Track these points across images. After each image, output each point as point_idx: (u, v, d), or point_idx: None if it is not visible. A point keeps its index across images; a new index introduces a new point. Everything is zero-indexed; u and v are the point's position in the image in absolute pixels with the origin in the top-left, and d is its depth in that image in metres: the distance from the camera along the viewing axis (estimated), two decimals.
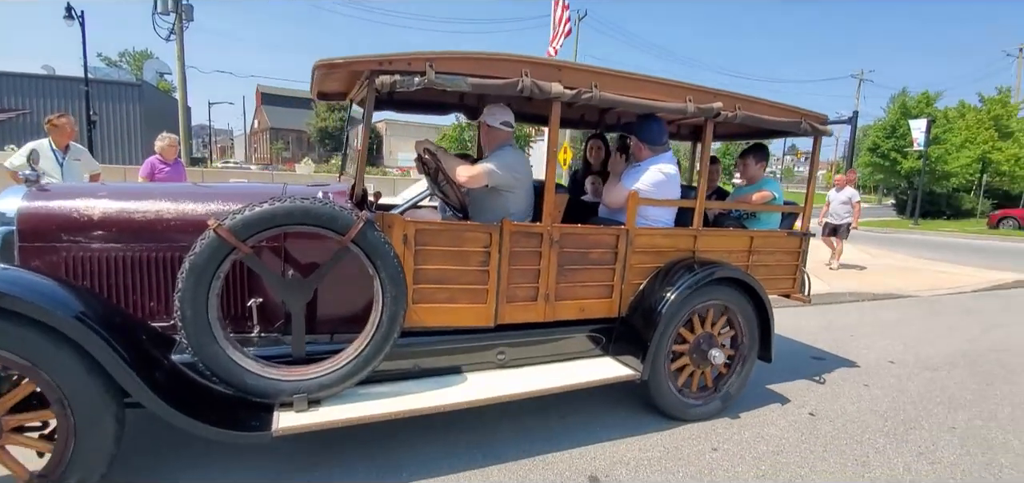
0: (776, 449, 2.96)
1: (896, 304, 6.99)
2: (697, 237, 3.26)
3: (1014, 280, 8.90)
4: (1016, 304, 7.38)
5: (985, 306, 7.14)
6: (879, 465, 2.85)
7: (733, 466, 2.76)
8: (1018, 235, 19.43)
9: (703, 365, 3.20)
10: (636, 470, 2.67)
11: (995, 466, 2.91)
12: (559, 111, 2.78)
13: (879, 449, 3.03)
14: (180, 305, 2.10)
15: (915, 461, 2.92)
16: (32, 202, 2.28)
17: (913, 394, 3.86)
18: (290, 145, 50.00)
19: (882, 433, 3.23)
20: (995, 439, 3.23)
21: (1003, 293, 8.12)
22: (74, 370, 1.90)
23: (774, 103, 3.36)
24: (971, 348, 5.09)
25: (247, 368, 2.23)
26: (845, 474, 2.75)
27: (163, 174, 5.40)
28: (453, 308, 2.72)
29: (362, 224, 2.28)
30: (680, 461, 2.78)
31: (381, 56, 2.41)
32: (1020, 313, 6.79)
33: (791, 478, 2.69)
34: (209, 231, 2.11)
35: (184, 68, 19.91)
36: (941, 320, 6.19)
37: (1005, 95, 27.36)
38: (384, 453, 2.69)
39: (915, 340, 5.26)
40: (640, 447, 2.89)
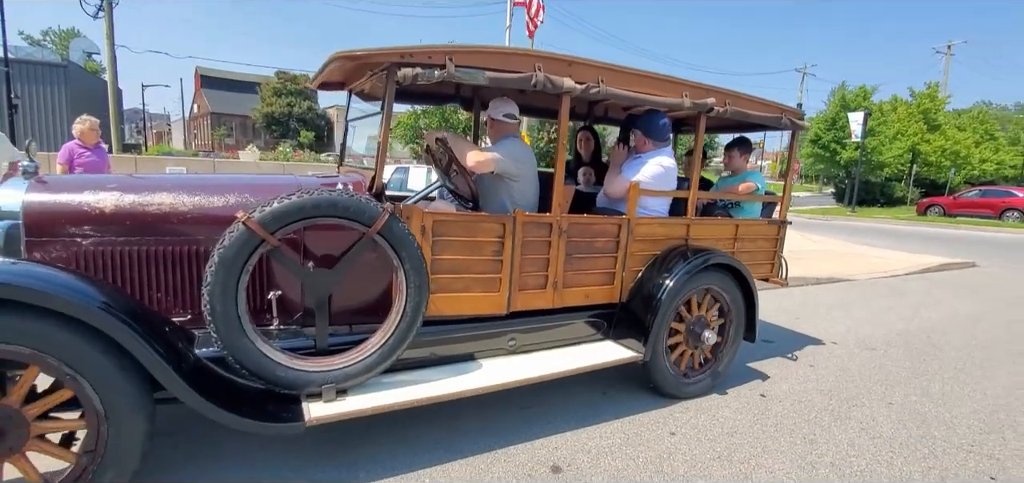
0: (730, 431, 3.07)
1: (837, 288, 7.37)
2: (690, 226, 3.45)
3: (939, 264, 9.58)
4: (941, 286, 7.92)
5: (915, 288, 7.65)
6: (825, 442, 3.01)
7: (690, 449, 2.85)
8: (943, 221, 21.07)
9: (696, 346, 3.40)
10: (598, 458, 2.72)
11: (929, 439, 3.10)
12: (568, 105, 2.88)
13: (825, 427, 3.19)
14: (209, 299, 2.08)
15: (858, 436, 3.09)
16: (37, 195, 2.18)
17: (854, 373, 4.09)
18: (234, 131, 47.62)
19: (827, 411, 3.40)
20: (928, 413, 3.46)
21: (930, 276, 8.78)
22: (107, 368, 1.86)
23: (759, 99, 3.58)
24: (905, 328, 5.46)
25: (276, 361, 2.23)
26: (795, 452, 2.88)
27: (83, 160, 5.08)
28: (468, 297, 2.79)
29: (387, 216, 2.31)
30: (640, 446, 2.84)
31: (402, 49, 2.43)
32: (944, 294, 7.28)
33: (745, 458, 2.79)
34: (238, 223, 2.10)
35: (114, 47, 18.65)
36: (878, 302, 6.58)
37: (933, 90, 29.48)
38: (343, 451, 2.63)
39: (855, 322, 5.58)
40: (601, 435, 2.94)
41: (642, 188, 3.21)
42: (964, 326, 5.62)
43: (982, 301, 6.90)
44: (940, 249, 11.99)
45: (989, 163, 31.15)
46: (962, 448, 3.01)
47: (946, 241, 14.23)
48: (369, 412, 2.33)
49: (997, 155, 32.15)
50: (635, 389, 3.49)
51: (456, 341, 2.84)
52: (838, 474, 2.68)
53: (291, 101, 41.31)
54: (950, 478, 2.71)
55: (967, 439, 3.11)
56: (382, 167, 2.53)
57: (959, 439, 3.11)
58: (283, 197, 2.15)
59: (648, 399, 3.36)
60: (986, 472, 2.78)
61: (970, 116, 34.94)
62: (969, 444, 3.06)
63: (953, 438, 3.13)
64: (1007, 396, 3.75)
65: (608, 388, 3.50)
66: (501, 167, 2.85)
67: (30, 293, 1.72)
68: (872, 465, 2.78)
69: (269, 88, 41.68)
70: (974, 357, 4.58)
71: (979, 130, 32.62)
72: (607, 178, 3.48)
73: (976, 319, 5.94)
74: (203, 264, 2.34)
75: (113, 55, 18.78)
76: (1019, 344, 5.02)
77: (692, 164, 3.49)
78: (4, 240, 2.15)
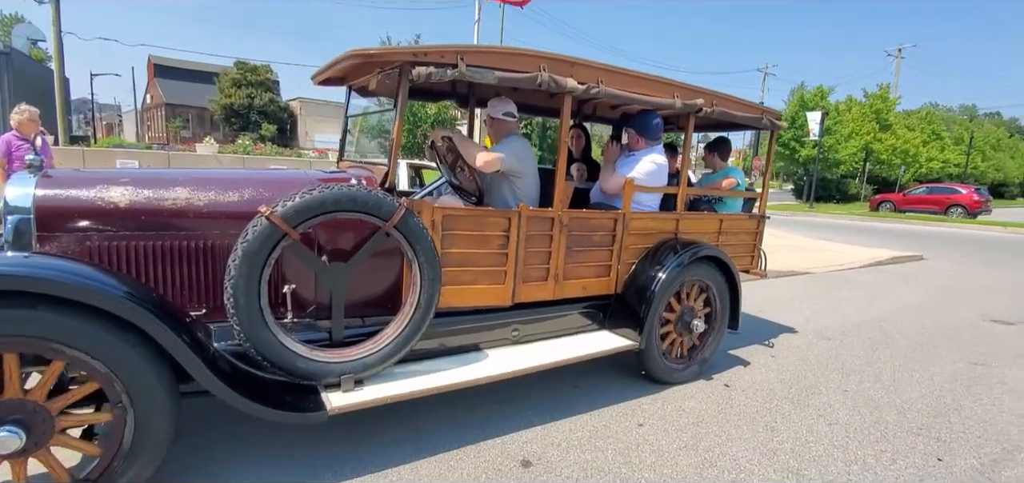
0: (696, 421, 3.15)
1: (797, 280, 7.66)
2: (679, 220, 3.63)
3: (890, 257, 9.96)
4: (891, 278, 8.29)
5: (868, 280, 7.98)
6: (786, 429, 3.11)
7: (657, 440, 2.90)
8: (894, 217, 22.18)
9: (685, 334, 3.59)
10: (567, 451, 2.74)
11: (882, 423, 3.24)
12: (570, 104, 3.00)
13: (785, 414, 3.30)
14: (233, 292, 2.11)
15: (816, 423, 3.21)
16: (48, 190, 2.16)
17: (813, 362, 4.25)
18: (190, 123, 45.85)
19: (787, 399, 3.52)
20: (881, 399, 3.61)
21: (881, 269, 9.17)
22: (135, 361, 1.88)
23: (742, 101, 3.78)
24: (859, 318, 5.69)
25: (297, 352, 2.27)
26: (757, 439, 2.97)
27: (22, 153, 4.90)
28: (475, 289, 2.89)
29: (404, 211, 2.38)
30: (608, 439, 2.88)
31: (416, 48, 2.49)
32: (895, 286, 7.63)
33: (710, 447, 2.87)
34: (261, 218, 2.13)
35: (60, 34, 17.80)
36: (834, 294, 6.85)
37: (884, 91, 30.98)
38: (304, 451, 2.59)
39: (813, 313, 5.80)
40: (570, 428, 2.97)
41: (636, 184, 3.37)
42: (913, 316, 5.93)
43: (928, 292, 7.31)
44: (891, 243, 12.49)
45: (935, 162, 33.03)
46: (912, 431, 3.16)
47: (897, 236, 14.96)
48: (387, 401, 2.40)
49: (943, 154, 34.13)
50: (604, 382, 3.57)
51: (463, 332, 2.93)
52: (797, 459, 2.79)
53: (251, 92, 39.96)
54: (900, 460, 2.84)
55: (916, 423, 3.28)
56: (395, 162, 2.59)
57: (909, 423, 3.27)
58: (305, 192, 2.20)
59: (616, 391, 3.44)
60: (933, 453, 2.93)
61: (919, 117, 36.96)
62: (918, 427, 3.22)
63: (904, 422, 3.29)
64: (952, 382, 3.98)
65: (578, 381, 3.56)
66: (506, 166, 2.95)
67: (61, 287, 1.73)
68: (829, 450, 2.90)
69: (228, 79, 40.18)
70: (922, 345, 4.84)
71: (927, 130, 34.54)
72: (602, 174, 3.62)
73: (923, 309, 6.28)
74: (217, 259, 2.38)
75: (60, 42, 17.88)
76: (961, 333, 5.33)
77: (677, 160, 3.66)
78: (13, 234, 2.13)
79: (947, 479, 2.70)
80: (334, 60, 2.75)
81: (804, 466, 2.74)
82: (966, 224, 19.50)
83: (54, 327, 1.75)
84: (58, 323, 1.76)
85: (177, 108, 46.01)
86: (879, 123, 29.91)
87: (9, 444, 1.74)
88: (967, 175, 34.38)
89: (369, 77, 2.97)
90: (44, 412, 1.83)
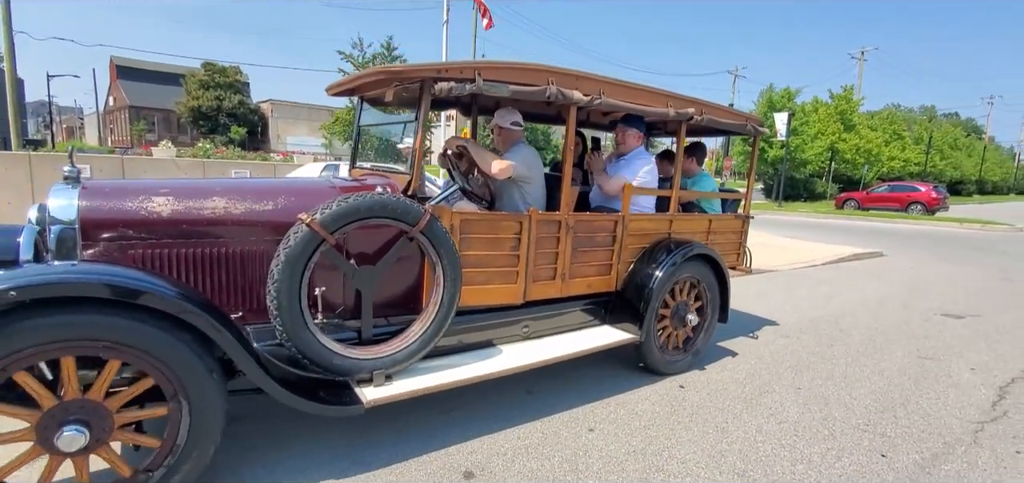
0: (647, 423, 3.13)
1: (762, 278, 7.75)
2: (672, 221, 3.88)
3: (852, 254, 10.20)
4: (852, 274, 8.52)
5: (829, 277, 8.16)
6: (736, 429, 3.11)
7: (607, 445, 2.87)
8: (858, 214, 23.08)
9: (680, 327, 3.84)
10: (513, 459, 2.69)
11: (830, 420, 3.28)
12: (575, 114, 3.21)
13: (736, 414, 3.31)
14: (276, 295, 2.25)
15: (766, 422, 3.22)
16: (92, 201, 2.25)
17: (768, 360, 4.28)
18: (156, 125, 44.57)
19: (740, 399, 3.53)
20: (831, 395, 3.67)
21: (843, 265, 9.39)
22: (190, 361, 2.01)
23: (728, 109, 4.06)
24: (817, 315, 5.79)
25: (334, 350, 2.42)
26: (706, 441, 2.96)
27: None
28: (490, 288, 3.07)
29: (429, 216, 2.55)
30: (557, 446, 2.84)
31: (438, 65, 2.67)
32: (854, 282, 7.86)
33: (658, 450, 2.84)
34: (301, 225, 2.28)
35: (11, 32, 17.26)
36: (796, 292, 6.96)
37: (848, 92, 32.18)
38: (227, 467, 2.46)
39: (775, 310, 5.87)
40: (520, 435, 2.93)
41: (636, 187, 3.60)
42: (869, 311, 6.08)
43: (886, 286, 7.58)
44: (854, 240, 12.84)
45: (896, 161, 34.49)
46: (858, 428, 3.20)
47: (860, 232, 15.43)
48: (416, 394, 2.57)
49: (904, 153, 35.67)
50: (559, 386, 3.55)
51: (479, 329, 3.11)
52: (744, 460, 2.78)
53: (220, 94, 39.14)
54: (845, 457, 2.86)
55: (863, 419, 3.32)
56: (419, 170, 2.75)
57: (856, 419, 3.31)
58: (341, 199, 2.35)
59: (571, 396, 3.42)
60: (878, 449, 2.95)
61: (881, 117, 38.54)
62: (864, 423, 3.26)
63: (851, 418, 3.32)
64: (900, 375, 4.08)
65: (533, 386, 3.52)
66: (517, 172, 3.15)
67: (127, 292, 1.85)
68: (776, 450, 2.90)
69: (195, 80, 39.28)
70: (875, 339, 4.97)
71: (888, 130, 36.01)
72: (599, 179, 3.83)
73: (880, 303, 6.49)
74: (251, 265, 2.51)
75: (11, 41, 17.31)
76: (914, 326, 5.54)
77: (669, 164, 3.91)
78: (57, 244, 2.22)
79: (889, 475, 2.71)
80: (359, 75, 2.90)
81: (750, 467, 2.73)
82: (925, 221, 20.33)
83: (120, 330, 1.87)
84: (123, 326, 1.87)
85: (141, 111, 44.76)
86: (844, 123, 31.04)
87: (75, 442, 1.86)
88: (927, 174, 36.00)
89: (386, 90, 3.12)
90: (103, 410, 1.95)
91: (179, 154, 12.01)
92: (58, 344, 1.81)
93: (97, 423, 1.93)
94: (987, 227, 17.87)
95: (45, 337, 1.78)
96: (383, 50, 20.67)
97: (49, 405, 1.85)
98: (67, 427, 1.85)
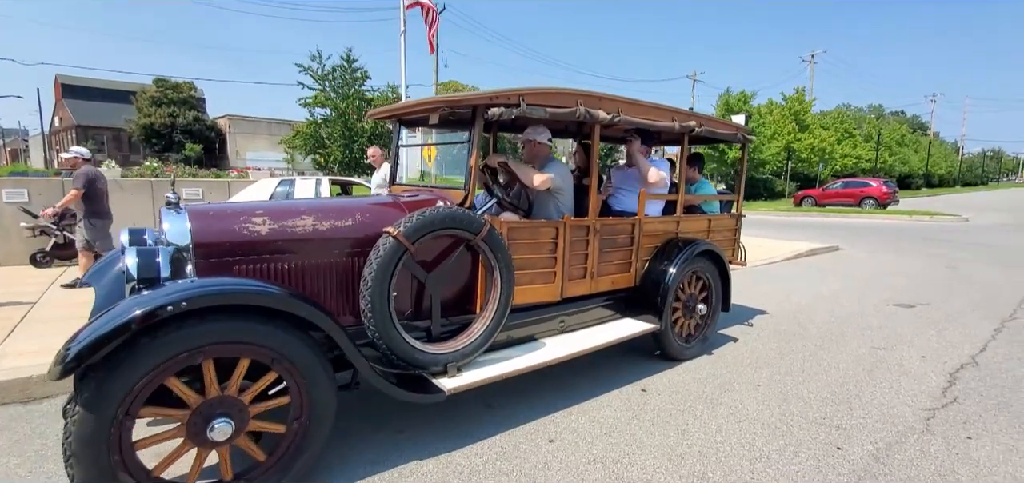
0: (609, 431, 3.11)
1: None
2: (680, 222, 4.35)
3: (809, 249, 10.50)
4: (809, 269, 8.81)
5: (787, 273, 8.38)
6: (696, 430, 3.12)
7: (567, 456, 2.83)
8: (815, 211, 24.33)
9: (690, 317, 4.30)
10: (469, 478, 2.61)
11: (788, 416, 3.32)
12: (599, 130, 3.63)
13: (697, 415, 3.33)
14: (370, 298, 2.58)
15: (726, 421, 3.24)
16: (201, 223, 2.52)
17: (729, 358, 4.35)
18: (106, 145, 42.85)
19: (701, 399, 3.56)
20: (789, 390, 3.71)
21: (800, 261, 9.68)
22: (311, 359, 2.31)
23: (723, 120, 4.57)
24: (776, 310, 5.96)
25: (415, 347, 2.76)
26: (667, 445, 2.96)
27: None
28: (533, 288, 3.45)
29: (489, 226, 2.92)
30: (516, 459, 2.79)
31: (490, 93, 3.04)
32: (812, 276, 8.13)
33: (619, 458, 2.82)
34: (388, 236, 2.62)
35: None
36: (756, 288, 7.11)
37: (801, 94, 33.91)
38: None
39: (736, 308, 5.82)
40: (477, 451, 2.86)
41: (651, 193, 4.06)
42: (826, 304, 6.27)
43: (842, 280, 7.85)
44: (811, 236, 13.20)
45: (849, 158, 36.46)
46: (815, 422, 3.24)
47: (817, 228, 16.00)
48: (485, 382, 2.92)
49: (855, 150, 37.71)
50: (520, 398, 3.52)
51: (524, 325, 3.48)
52: (704, 462, 2.78)
53: (174, 111, 37.81)
54: (803, 452, 2.88)
55: (820, 413, 3.37)
56: (474, 185, 3.11)
57: (813, 413, 3.36)
58: (420, 213, 2.70)
59: (532, 407, 3.39)
60: (834, 442, 2.99)
61: (832, 116, 40.63)
62: (821, 417, 3.30)
63: (808, 413, 3.37)
64: (855, 367, 4.19)
65: (493, 400, 3.48)
66: (555, 184, 3.55)
67: (267, 298, 2.16)
68: (736, 449, 2.91)
69: (146, 97, 37.81)
70: (831, 333, 5.10)
71: (840, 129, 38.04)
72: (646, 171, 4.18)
73: (836, 297, 6.69)
74: (335, 275, 2.82)
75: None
76: (868, 317, 5.73)
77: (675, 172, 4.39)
78: (172, 265, 2.48)
79: (844, 467, 2.74)
80: (416, 102, 3.26)
81: (710, 468, 2.73)
82: (877, 214, 21.45)
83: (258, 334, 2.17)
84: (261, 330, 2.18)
85: (90, 130, 43.02)
86: (798, 123, 32.67)
87: (225, 432, 2.14)
88: (877, 169, 38.18)
89: (433, 115, 3.48)
90: (240, 404, 2.23)
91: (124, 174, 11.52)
92: (205, 348, 2.09)
93: (237, 415, 2.21)
94: (934, 218, 19.22)
95: (196, 343, 2.06)
96: (343, 62, 20.54)
97: (196, 403, 2.13)
98: (218, 420, 2.13)
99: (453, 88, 46.08)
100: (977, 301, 6.50)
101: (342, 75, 20.46)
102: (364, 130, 20.60)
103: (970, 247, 11.66)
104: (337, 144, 20.39)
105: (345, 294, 2.85)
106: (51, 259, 7.73)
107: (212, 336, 2.08)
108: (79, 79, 44.42)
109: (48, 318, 4.88)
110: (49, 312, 5.11)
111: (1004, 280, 7.87)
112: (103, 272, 3.02)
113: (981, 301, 6.50)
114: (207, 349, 2.09)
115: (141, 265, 2.27)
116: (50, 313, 5.06)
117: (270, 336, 2.20)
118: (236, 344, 2.15)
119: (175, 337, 2.01)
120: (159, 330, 1.98)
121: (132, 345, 1.93)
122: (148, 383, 2.00)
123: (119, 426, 1.97)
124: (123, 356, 1.92)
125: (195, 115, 39.43)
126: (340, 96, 20.32)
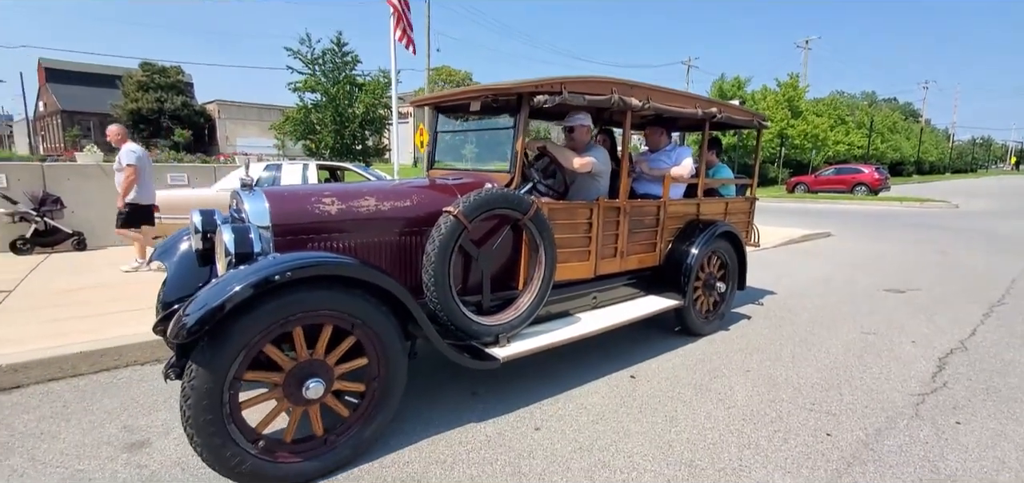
0: (596, 418, 3.07)
1: None
2: (700, 204, 4.59)
3: (801, 235, 10.58)
4: (801, 255, 8.88)
5: (780, 259, 8.43)
6: (685, 417, 3.08)
7: (553, 444, 2.78)
8: (808, 197, 24.73)
9: (710, 294, 4.55)
10: (452, 467, 2.56)
11: (777, 402, 3.30)
12: (630, 117, 3.84)
13: (686, 402, 3.28)
14: (434, 273, 2.79)
15: (714, 408, 3.21)
16: (280, 205, 2.70)
17: (719, 344, 4.36)
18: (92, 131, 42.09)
19: (690, 386, 3.52)
20: (779, 376, 3.69)
21: (792, 247, 9.75)
22: (386, 325, 2.53)
23: (740, 107, 4.79)
24: (768, 296, 5.96)
25: (471, 318, 2.98)
26: (655, 432, 2.91)
27: None
28: (570, 265, 3.67)
29: (536, 206, 3.14)
30: (501, 447, 2.74)
31: (535, 81, 3.23)
32: (803, 262, 8.19)
33: (605, 446, 2.77)
34: (449, 215, 2.82)
35: None
36: (749, 274, 6.87)
37: (794, 80, 34.16)
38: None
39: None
40: (461, 440, 2.81)
41: (676, 176, 4.29)
42: (817, 290, 6.29)
43: (833, 266, 7.89)
44: (804, 222, 13.28)
45: (842, 144, 36.89)
46: (804, 408, 3.22)
47: (810, 214, 16.20)
48: (534, 351, 3.15)
49: (848, 137, 38.15)
50: (506, 385, 3.49)
51: (561, 301, 3.71)
52: (692, 450, 2.74)
53: (161, 96, 37.31)
54: (792, 439, 2.85)
55: (810, 398, 3.35)
56: (519, 170, 3.32)
57: (803, 399, 3.34)
58: (476, 194, 2.90)
59: (518, 395, 3.36)
60: (824, 428, 2.97)
61: (826, 103, 41.00)
62: (811, 403, 3.28)
63: (798, 399, 3.34)
64: (845, 352, 4.19)
65: (478, 387, 3.45)
66: (596, 168, 3.75)
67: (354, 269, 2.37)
68: (724, 436, 2.87)
69: (133, 82, 37.35)
70: (822, 318, 5.12)
71: (833, 116, 38.42)
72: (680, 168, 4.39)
73: (827, 282, 6.76)
74: (396, 251, 3.03)
75: None
76: (859, 302, 5.77)
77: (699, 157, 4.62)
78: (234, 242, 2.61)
79: (834, 454, 2.72)
80: (462, 90, 3.45)
81: (698, 456, 2.68)
82: (869, 201, 21.83)
83: (343, 302, 2.38)
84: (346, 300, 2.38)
85: (75, 115, 42.43)
86: (791, 110, 32.95)
87: (318, 391, 2.36)
88: (869, 156, 38.67)
89: (475, 102, 3.66)
90: (326, 365, 2.44)
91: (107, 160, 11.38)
92: (298, 316, 2.29)
93: (325, 375, 2.43)
94: (925, 204, 19.65)
95: (290, 311, 2.26)
96: (333, 45, 20.40)
97: (290, 366, 2.34)
98: (311, 380, 2.35)
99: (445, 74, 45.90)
100: (967, 286, 6.61)
101: (332, 59, 20.33)
102: (355, 115, 20.52)
103: (960, 233, 11.96)
104: (328, 130, 20.33)
105: (402, 269, 3.06)
106: (32, 246, 7.66)
107: (304, 305, 2.28)
108: (64, 63, 43.74)
109: (23, 307, 4.76)
110: (23, 302, 4.94)
111: (993, 265, 8.04)
112: (172, 251, 3.21)
113: (970, 286, 6.61)
114: (299, 316, 2.30)
115: (238, 240, 2.45)
116: (23, 303, 4.91)
117: (351, 303, 2.41)
118: (323, 312, 2.36)
119: (274, 306, 2.21)
120: (261, 300, 2.17)
121: (239, 314, 2.13)
122: (251, 348, 2.20)
123: (231, 387, 2.18)
124: (232, 324, 2.13)
125: (183, 100, 38.93)
126: (330, 80, 20.21)
